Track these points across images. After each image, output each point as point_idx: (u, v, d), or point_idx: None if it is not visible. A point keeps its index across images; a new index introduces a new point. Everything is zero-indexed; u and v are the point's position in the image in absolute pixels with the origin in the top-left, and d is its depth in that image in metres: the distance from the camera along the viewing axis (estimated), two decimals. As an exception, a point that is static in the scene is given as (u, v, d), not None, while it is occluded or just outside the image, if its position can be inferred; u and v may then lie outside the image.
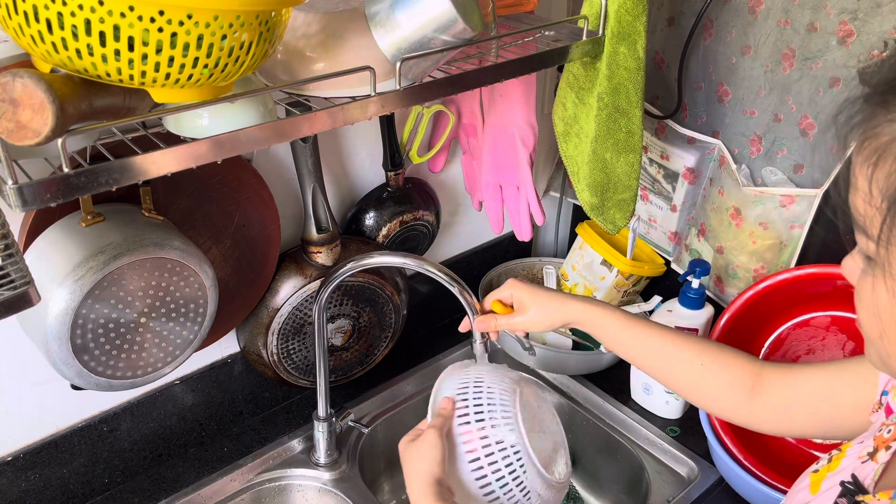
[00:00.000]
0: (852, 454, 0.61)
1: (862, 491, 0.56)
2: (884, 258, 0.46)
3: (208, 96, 0.61)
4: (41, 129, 0.51)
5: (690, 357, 0.79)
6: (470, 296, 0.86)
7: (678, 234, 1.22)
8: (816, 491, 0.60)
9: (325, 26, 0.72)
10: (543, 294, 0.84)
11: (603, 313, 0.82)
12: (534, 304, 0.83)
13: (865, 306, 0.50)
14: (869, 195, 0.46)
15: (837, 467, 0.61)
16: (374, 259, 0.91)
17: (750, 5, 1.01)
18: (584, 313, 0.82)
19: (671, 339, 0.80)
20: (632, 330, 0.81)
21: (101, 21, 0.51)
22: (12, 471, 0.92)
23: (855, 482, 0.57)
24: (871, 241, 0.46)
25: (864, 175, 0.46)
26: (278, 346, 1.05)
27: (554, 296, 0.84)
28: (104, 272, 0.73)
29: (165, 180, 0.66)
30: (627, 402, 1.21)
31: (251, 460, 1.07)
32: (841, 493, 0.57)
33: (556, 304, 0.83)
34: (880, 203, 0.45)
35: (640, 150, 0.99)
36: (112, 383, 0.78)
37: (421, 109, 1.12)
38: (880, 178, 0.45)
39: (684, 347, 0.80)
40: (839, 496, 0.57)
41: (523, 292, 0.84)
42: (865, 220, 0.47)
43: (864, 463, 0.59)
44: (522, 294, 0.84)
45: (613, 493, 1.21)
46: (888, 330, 0.49)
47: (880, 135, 0.45)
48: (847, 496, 0.56)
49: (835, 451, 0.63)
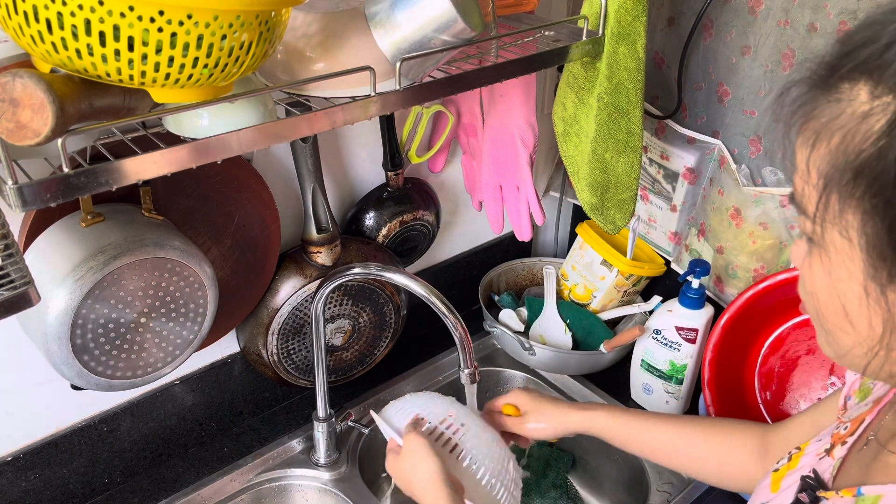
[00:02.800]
0: (811, 452, 0.62)
1: (822, 485, 0.57)
2: (820, 237, 0.47)
3: (208, 96, 0.61)
4: (41, 129, 0.51)
5: (695, 438, 0.83)
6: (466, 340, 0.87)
7: (678, 234, 1.22)
8: (777, 489, 0.62)
9: (325, 26, 0.72)
10: (547, 406, 0.88)
11: (605, 417, 0.87)
12: (537, 417, 0.88)
13: (805, 288, 0.51)
14: (807, 175, 0.46)
15: (797, 465, 0.62)
16: (377, 273, 0.91)
17: (750, 5, 1.01)
18: (586, 422, 0.87)
19: (673, 426, 0.85)
20: (634, 426, 0.86)
21: (101, 21, 0.51)
22: (12, 471, 0.92)
23: (815, 476, 0.58)
24: (808, 221, 0.47)
25: (803, 156, 0.47)
26: (278, 346, 1.05)
27: (556, 408, 0.88)
28: (104, 272, 0.73)
29: (165, 180, 0.66)
30: (627, 402, 1.21)
31: (251, 460, 1.07)
32: (801, 487, 0.58)
33: (558, 416, 0.88)
34: (817, 181, 0.45)
35: (640, 150, 0.99)
36: (112, 383, 0.78)
37: (421, 109, 1.12)
38: (817, 159, 0.45)
39: (687, 430, 0.84)
40: (799, 490, 0.58)
41: (527, 404, 0.89)
42: (805, 199, 0.47)
43: (821, 459, 0.60)
44: (526, 405, 0.89)
45: (613, 493, 1.21)
46: (823, 309, 0.50)
47: (819, 116, 0.45)
48: (807, 490, 0.57)
49: (794, 450, 0.64)
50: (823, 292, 0.49)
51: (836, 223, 0.45)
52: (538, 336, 1.28)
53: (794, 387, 1.07)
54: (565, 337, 1.26)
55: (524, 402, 0.89)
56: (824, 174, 0.45)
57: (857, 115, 0.43)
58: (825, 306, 0.49)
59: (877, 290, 0.44)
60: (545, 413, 0.88)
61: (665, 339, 1.12)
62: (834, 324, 0.49)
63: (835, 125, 0.44)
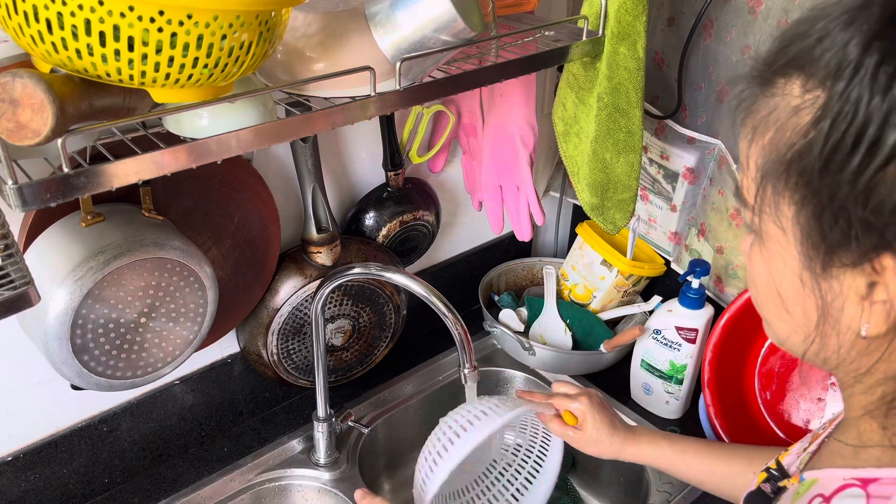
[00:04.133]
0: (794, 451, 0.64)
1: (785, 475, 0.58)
2: (758, 227, 0.48)
3: (208, 96, 0.61)
4: (41, 129, 0.51)
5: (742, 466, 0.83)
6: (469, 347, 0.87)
7: (678, 234, 1.22)
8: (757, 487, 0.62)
9: (325, 26, 0.72)
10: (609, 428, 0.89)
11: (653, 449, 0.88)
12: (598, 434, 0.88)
13: (749, 278, 0.53)
14: (747, 168, 0.48)
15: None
16: (377, 273, 0.91)
17: (750, 5, 1.01)
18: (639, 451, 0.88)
19: (719, 453, 0.86)
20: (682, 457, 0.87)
21: (101, 21, 0.51)
22: (12, 471, 0.92)
23: (779, 467, 0.60)
24: (748, 212, 0.49)
25: (743, 150, 0.48)
26: (278, 346, 1.05)
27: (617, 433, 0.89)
28: (104, 272, 0.73)
29: (165, 180, 0.66)
30: (627, 402, 1.21)
31: (251, 460, 1.07)
32: (766, 478, 0.60)
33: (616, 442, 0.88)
34: (755, 174, 0.47)
35: (640, 150, 0.99)
36: (112, 383, 0.78)
37: (421, 109, 1.12)
38: (755, 152, 0.47)
39: (732, 459, 0.84)
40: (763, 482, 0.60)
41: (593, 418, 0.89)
42: (746, 192, 0.49)
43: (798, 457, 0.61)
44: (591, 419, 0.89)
45: (613, 493, 1.21)
46: (762, 297, 0.51)
47: (758, 111, 0.47)
48: (770, 481, 0.59)
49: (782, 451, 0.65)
50: (763, 281, 0.50)
51: (772, 214, 0.47)
52: (538, 336, 1.28)
53: (794, 387, 1.07)
54: (565, 337, 1.26)
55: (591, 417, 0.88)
56: (761, 167, 0.46)
57: (789, 109, 0.44)
58: (764, 295, 0.51)
59: (811, 279, 0.46)
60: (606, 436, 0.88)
61: (665, 339, 1.12)
62: (773, 312, 0.51)
63: (770, 119, 0.45)
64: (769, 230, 0.48)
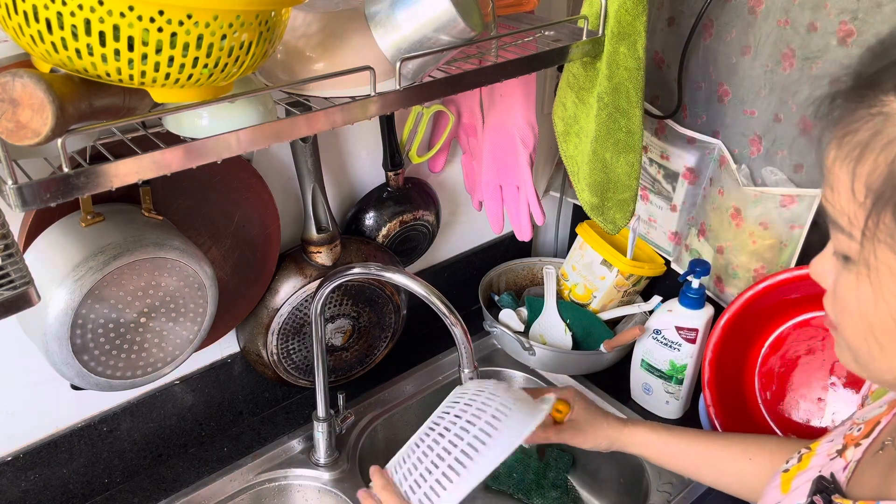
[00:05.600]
0: (822, 452, 0.61)
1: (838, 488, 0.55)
2: (868, 256, 0.45)
3: (208, 96, 0.60)
4: (41, 129, 0.51)
5: (737, 453, 0.82)
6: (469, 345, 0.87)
7: (678, 234, 1.22)
8: (787, 490, 0.61)
9: (325, 26, 0.72)
10: (600, 419, 0.89)
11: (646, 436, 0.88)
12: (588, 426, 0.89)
13: (846, 308, 0.49)
14: (851, 192, 0.45)
15: (807, 466, 0.61)
16: (377, 273, 0.91)
17: (750, 5, 1.01)
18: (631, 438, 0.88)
19: (715, 442, 0.85)
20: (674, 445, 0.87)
21: (101, 21, 0.51)
22: (12, 471, 0.92)
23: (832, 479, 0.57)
24: (852, 240, 0.45)
25: (845, 171, 0.45)
26: (278, 346, 1.05)
27: (609, 417, 0.90)
28: (104, 272, 0.73)
29: (165, 180, 0.66)
30: (627, 401, 1.21)
31: (251, 460, 1.07)
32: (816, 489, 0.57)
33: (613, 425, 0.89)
34: (864, 199, 0.44)
35: (640, 150, 0.99)
36: (112, 383, 0.78)
37: (421, 109, 1.12)
38: (863, 174, 0.44)
39: (728, 446, 0.84)
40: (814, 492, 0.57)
41: (584, 400, 0.90)
42: (847, 217, 0.45)
43: (832, 460, 0.59)
44: (583, 402, 0.90)
45: (613, 493, 1.20)
46: (878, 331, 0.47)
47: (860, 130, 0.44)
48: (822, 493, 0.56)
49: (804, 450, 0.64)
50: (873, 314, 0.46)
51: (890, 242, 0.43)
52: (538, 336, 1.28)
53: (794, 387, 1.07)
54: (565, 337, 1.26)
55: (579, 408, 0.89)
56: (873, 191, 0.43)
57: None
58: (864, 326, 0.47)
59: None
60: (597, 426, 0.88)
61: (665, 339, 1.12)
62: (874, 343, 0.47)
63: (881, 139, 0.43)
64: (885, 258, 0.44)
